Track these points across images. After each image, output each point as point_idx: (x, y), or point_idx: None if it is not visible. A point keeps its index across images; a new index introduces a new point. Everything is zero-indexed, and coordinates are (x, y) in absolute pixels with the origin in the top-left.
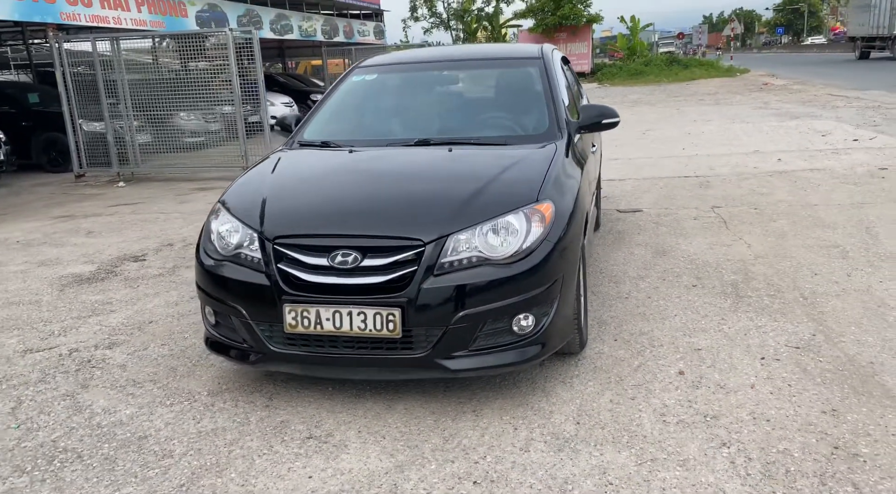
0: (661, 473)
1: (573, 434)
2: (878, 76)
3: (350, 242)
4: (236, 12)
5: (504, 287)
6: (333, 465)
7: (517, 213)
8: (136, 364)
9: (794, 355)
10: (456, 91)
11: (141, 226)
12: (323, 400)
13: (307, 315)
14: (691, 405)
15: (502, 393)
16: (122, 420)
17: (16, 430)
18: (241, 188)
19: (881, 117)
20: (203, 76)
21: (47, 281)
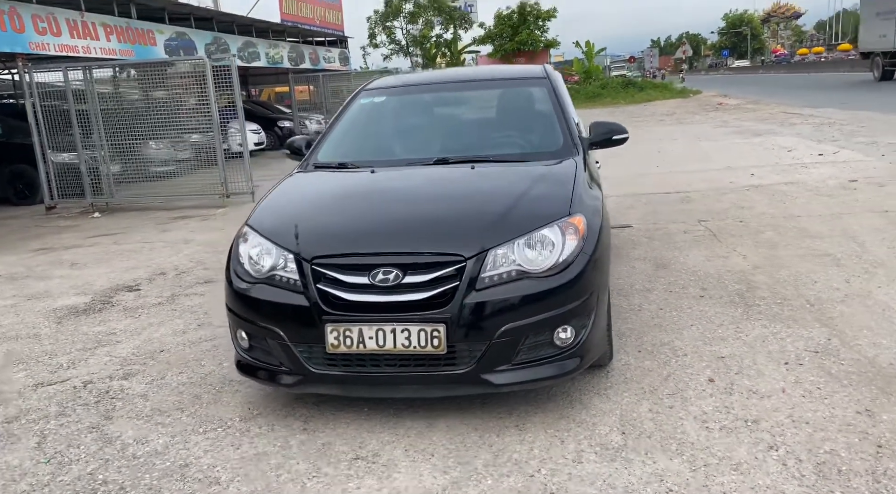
0: (717, 478)
1: (621, 444)
2: (825, 95)
3: (390, 260)
4: (204, 40)
5: (545, 300)
6: (388, 484)
7: (552, 227)
8: (157, 393)
9: (816, 359)
10: (467, 111)
11: (127, 256)
12: (361, 421)
13: (349, 334)
14: (729, 411)
15: (540, 407)
16: (157, 450)
17: (46, 465)
18: (268, 211)
19: (838, 133)
20: (173, 104)
21: (42, 315)
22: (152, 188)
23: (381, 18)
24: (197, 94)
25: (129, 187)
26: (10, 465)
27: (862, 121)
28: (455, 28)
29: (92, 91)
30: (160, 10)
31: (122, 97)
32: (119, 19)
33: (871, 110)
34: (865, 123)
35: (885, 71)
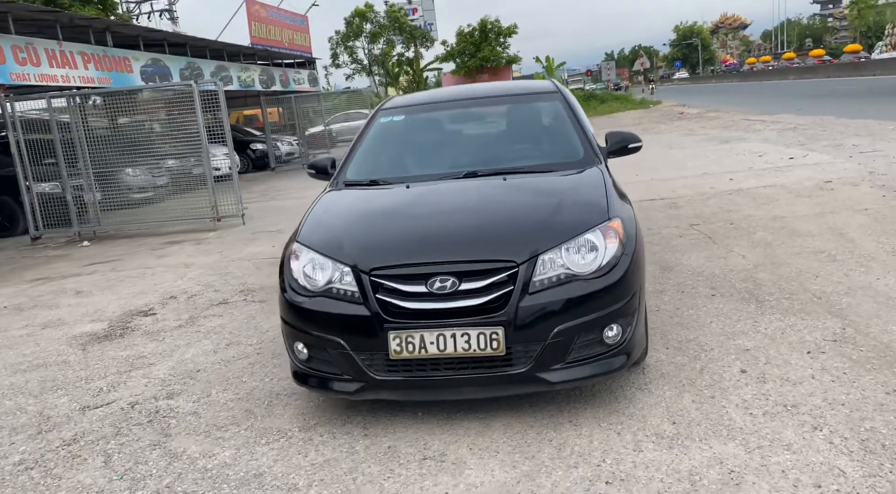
0: (773, 458)
1: (675, 432)
2: (780, 102)
3: (446, 268)
4: (178, 65)
5: (593, 301)
6: (463, 480)
7: (594, 231)
8: (207, 410)
9: (836, 347)
10: (486, 126)
11: (131, 283)
12: (419, 424)
13: (411, 340)
14: (767, 398)
15: (588, 403)
16: (226, 462)
17: (120, 481)
18: (315, 228)
19: (803, 137)
20: (158, 130)
21: (63, 342)
22: (139, 215)
23: (342, 39)
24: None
25: (114, 215)
26: (84, 484)
27: (822, 126)
28: (416, 46)
29: (76, 119)
30: (135, 37)
31: (105, 125)
32: (96, 47)
33: (827, 115)
34: (826, 127)
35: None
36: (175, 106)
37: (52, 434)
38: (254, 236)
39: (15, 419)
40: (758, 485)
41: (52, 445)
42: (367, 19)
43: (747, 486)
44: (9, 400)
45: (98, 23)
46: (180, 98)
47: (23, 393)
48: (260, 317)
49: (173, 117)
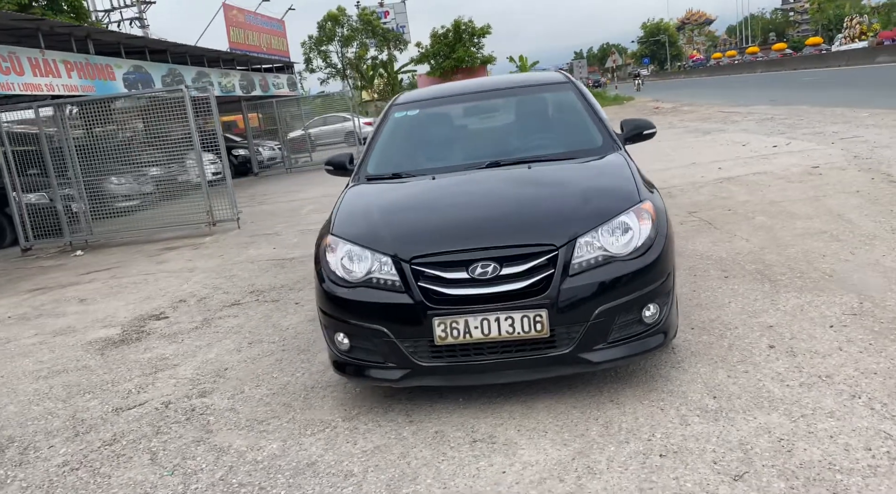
0: (818, 425)
1: (717, 406)
2: (752, 94)
3: (486, 254)
4: (160, 72)
5: (632, 281)
6: (518, 459)
7: (628, 214)
8: (244, 406)
9: (856, 321)
10: (502, 117)
11: (135, 289)
12: (461, 409)
13: (456, 326)
14: (800, 370)
15: (626, 382)
16: (275, 454)
17: (171, 476)
18: (349, 220)
19: (782, 126)
20: (148, 137)
21: (78, 348)
22: (130, 222)
23: (315, 43)
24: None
25: (105, 223)
26: (136, 480)
27: (799, 115)
28: (389, 49)
29: (65, 128)
30: (116, 44)
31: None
32: (78, 55)
33: (801, 105)
34: (803, 116)
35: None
36: (164, 112)
37: (90, 435)
38: (252, 239)
39: (48, 423)
40: (809, 451)
41: (92, 446)
42: (339, 23)
43: (799, 452)
44: (37, 405)
45: (79, 30)
46: (169, 104)
47: (49, 398)
48: (276, 316)
49: (163, 124)
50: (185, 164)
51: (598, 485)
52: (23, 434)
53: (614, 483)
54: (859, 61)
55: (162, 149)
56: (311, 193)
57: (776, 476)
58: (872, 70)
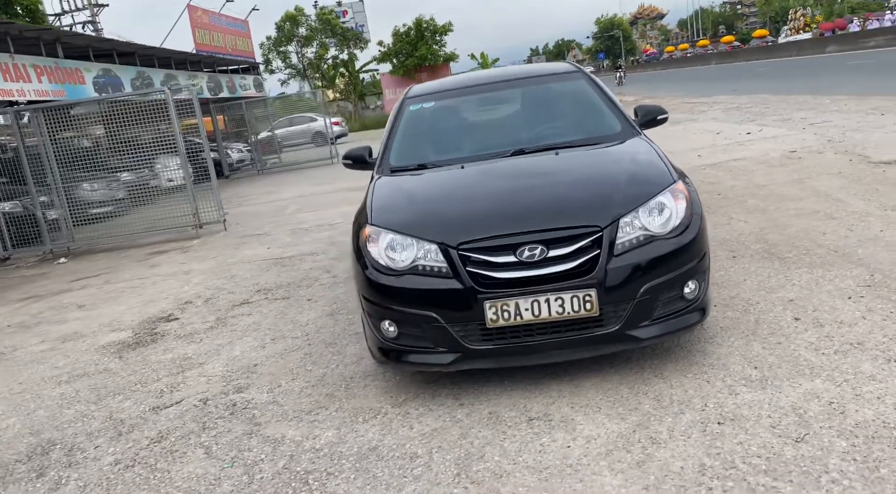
0: (862, 388)
1: (760, 376)
2: (712, 85)
3: (533, 237)
4: (129, 75)
5: (674, 259)
6: (580, 434)
7: (665, 194)
8: (286, 399)
9: (872, 291)
10: (518, 106)
11: (134, 293)
12: (510, 391)
13: (507, 308)
14: (831, 339)
15: (666, 359)
16: (333, 441)
17: (232, 468)
18: (386, 210)
19: (750, 114)
20: (127, 141)
21: (93, 352)
22: (112, 228)
23: (274, 44)
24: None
25: (85, 230)
26: (197, 474)
27: (764, 103)
28: (349, 48)
29: (44, 133)
30: (85, 47)
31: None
32: (48, 59)
33: (763, 93)
34: (768, 105)
35: None
36: (144, 115)
37: (135, 434)
38: (242, 241)
39: (86, 424)
40: (861, 412)
41: (140, 444)
42: (298, 23)
43: (852, 413)
44: (68, 409)
45: (48, 34)
46: (149, 107)
47: (79, 401)
48: (292, 313)
49: (142, 127)
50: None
51: (666, 453)
52: (62, 436)
53: (681, 450)
54: (810, 51)
55: (141, 152)
56: (289, 194)
57: (836, 436)
58: (823, 59)
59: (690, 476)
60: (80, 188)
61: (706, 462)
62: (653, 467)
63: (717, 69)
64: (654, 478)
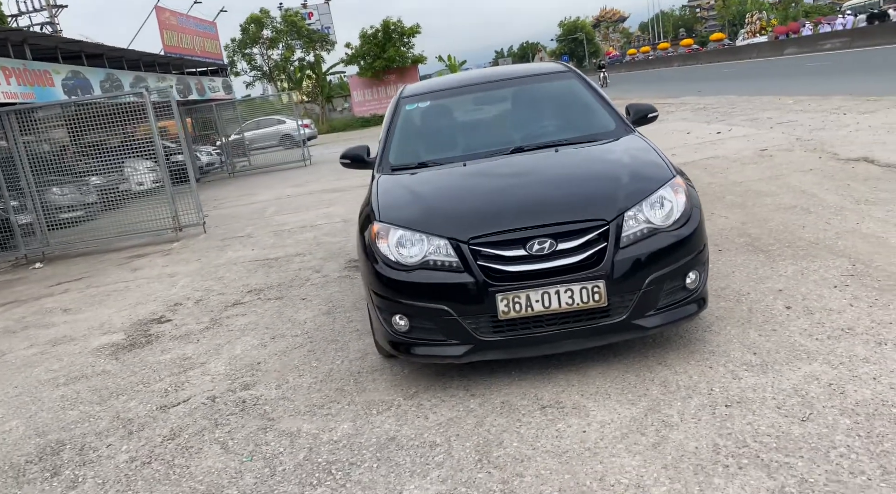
0: (858, 369)
1: (760, 361)
2: (676, 86)
3: (542, 231)
4: (98, 78)
5: (677, 250)
6: (593, 419)
7: (666, 188)
8: (295, 394)
9: (856, 280)
10: (513, 105)
11: (119, 296)
12: (519, 381)
13: (518, 300)
14: (822, 325)
15: (666, 347)
16: (350, 433)
17: (252, 462)
18: (393, 207)
19: (718, 114)
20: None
21: (87, 355)
22: (89, 231)
23: (238, 46)
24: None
25: (55, 234)
26: (217, 468)
27: (730, 104)
28: (315, 50)
29: (16, 137)
30: (53, 49)
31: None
32: (16, 61)
33: (728, 95)
34: (734, 105)
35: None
36: (116, 118)
37: (146, 432)
38: (224, 243)
39: (93, 424)
40: (860, 392)
41: (153, 442)
42: (263, 25)
43: (851, 393)
44: (72, 410)
45: (15, 35)
46: (122, 110)
47: (81, 402)
48: (288, 312)
49: (115, 130)
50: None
51: (679, 435)
52: (70, 436)
53: (693, 431)
54: (769, 54)
55: (115, 155)
56: (265, 196)
57: (839, 415)
58: (782, 61)
59: (706, 455)
60: (55, 191)
61: (719, 442)
62: (668, 448)
63: (680, 71)
64: (671, 458)
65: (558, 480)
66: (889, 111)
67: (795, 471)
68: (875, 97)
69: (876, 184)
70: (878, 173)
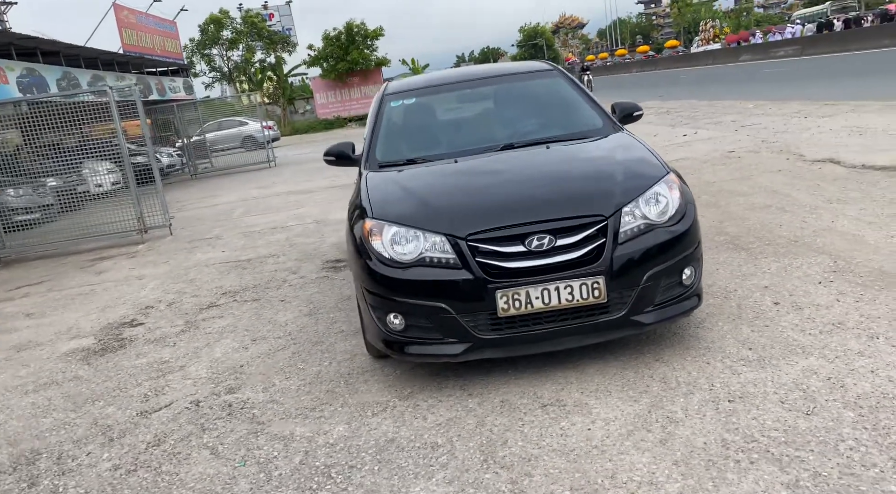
0: (854, 363)
1: (756, 356)
2: (638, 92)
3: (540, 227)
4: (55, 75)
5: (673, 246)
6: (597, 417)
7: (661, 184)
8: (284, 397)
9: (839, 277)
10: (499, 102)
11: (85, 300)
12: (516, 379)
13: (518, 297)
14: (813, 321)
15: (661, 345)
16: (346, 435)
17: (245, 466)
18: (385, 204)
19: (682, 118)
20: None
21: (56, 360)
22: (48, 233)
23: (197, 47)
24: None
25: (10, 237)
26: (209, 474)
27: (693, 108)
28: (276, 51)
29: None
30: (7, 45)
31: None
32: None
33: (689, 99)
34: (697, 109)
35: None
36: (74, 117)
37: (127, 439)
38: (193, 245)
39: (70, 432)
40: (859, 385)
41: (137, 448)
42: (223, 26)
43: (851, 386)
44: (45, 418)
45: None
46: (81, 109)
47: (55, 409)
48: (268, 313)
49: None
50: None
51: (686, 431)
52: (45, 445)
53: (699, 427)
54: (724, 60)
55: (75, 156)
56: (230, 198)
57: (842, 408)
58: (737, 68)
59: (715, 450)
60: (10, 193)
61: (727, 437)
62: (676, 444)
63: (640, 77)
64: (680, 454)
65: (568, 479)
66: (846, 115)
67: (808, 465)
68: (832, 102)
69: (844, 184)
70: (844, 174)
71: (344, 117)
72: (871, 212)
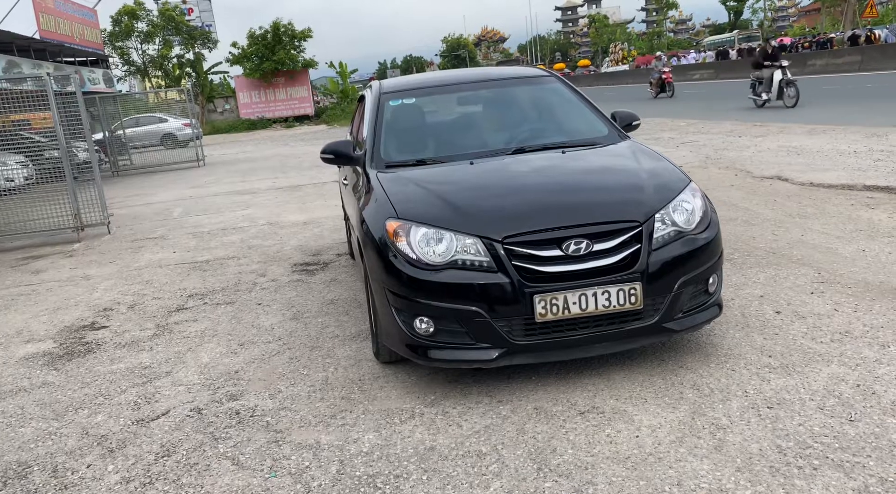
0: (878, 370)
1: (779, 363)
2: None
3: (578, 231)
4: None
5: (702, 254)
6: (640, 424)
7: (686, 192)
8: (295, 404)
9: (829, 287)
10: (502, 107)
11: (30, 301)
12: (544, 387)
13: (556, 302)
14: (820, 329)
15: (681, 352)
16: (379, 444)
17: (277, 477)
18: (411, 203)
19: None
20: None
21: (17, 366)
22: None
23: (109, 38)
24: None
25: None
26: (238, 486)
27: None
28: (195, 48)
29: None
30: None
31: None
32: None
33: None
34: None
35: None
36: None
37: (130, 449)
38: (137, 244)
39: (59, 443)
40: (890, 391)
41: (144, 460)
42: (137, 18)
43: (881, 392)
44: (23, 427)
45: None
46: None
47: (32, 418)
48: (247, 317)
49: None
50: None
51: (737, 438)
52: (34, 457)
53: (749, 434)
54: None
55: None
56: (163, 197)
57: (882, 415)
58: None
59: (773, 456)
60: None
61: (781, 443)
62: (732, 451)
63: None
64: (740, 461)
65: (635, 487)
66: (777, 136)
67: (871, 471)
68: (760, 123)
69: (799, 199)
70: (796, 191)
71: (268, 118)
72: (835, 227)
